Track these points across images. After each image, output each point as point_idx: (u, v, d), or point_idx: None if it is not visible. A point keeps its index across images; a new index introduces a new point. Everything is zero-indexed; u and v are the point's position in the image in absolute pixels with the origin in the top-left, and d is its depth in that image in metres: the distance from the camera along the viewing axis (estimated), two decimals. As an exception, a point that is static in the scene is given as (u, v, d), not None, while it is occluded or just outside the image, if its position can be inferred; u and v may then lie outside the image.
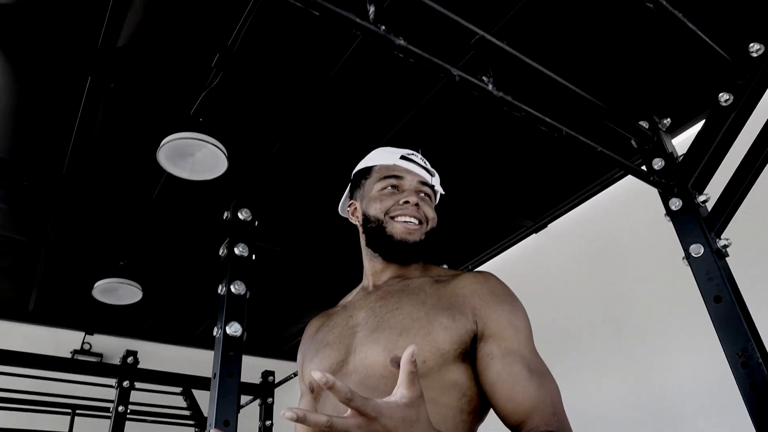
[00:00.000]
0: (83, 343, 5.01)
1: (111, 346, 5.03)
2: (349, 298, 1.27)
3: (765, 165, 1.60)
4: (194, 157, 2.81)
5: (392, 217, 1.13)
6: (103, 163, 3.08)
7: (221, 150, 2.69)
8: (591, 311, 3.13)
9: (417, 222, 1.14)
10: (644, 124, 1.78)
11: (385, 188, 1.18)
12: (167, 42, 2.39)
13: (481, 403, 1.01)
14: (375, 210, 1.16)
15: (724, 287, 1.50)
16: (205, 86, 2.62)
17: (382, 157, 1.23)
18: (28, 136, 2.88)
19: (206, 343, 5.07)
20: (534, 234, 3.80)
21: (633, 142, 1.79)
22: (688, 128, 2.67)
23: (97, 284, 3.91)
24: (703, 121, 1.72)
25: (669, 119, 1.82)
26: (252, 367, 4.06)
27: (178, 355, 5.20)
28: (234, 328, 1.86)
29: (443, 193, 1.27)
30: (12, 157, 2.98)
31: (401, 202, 1.14)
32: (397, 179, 1.18)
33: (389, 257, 1.16)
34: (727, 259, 1.59)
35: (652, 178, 1.65)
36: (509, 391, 0.94)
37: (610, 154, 1.48)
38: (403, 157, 1.21)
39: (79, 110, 2.70)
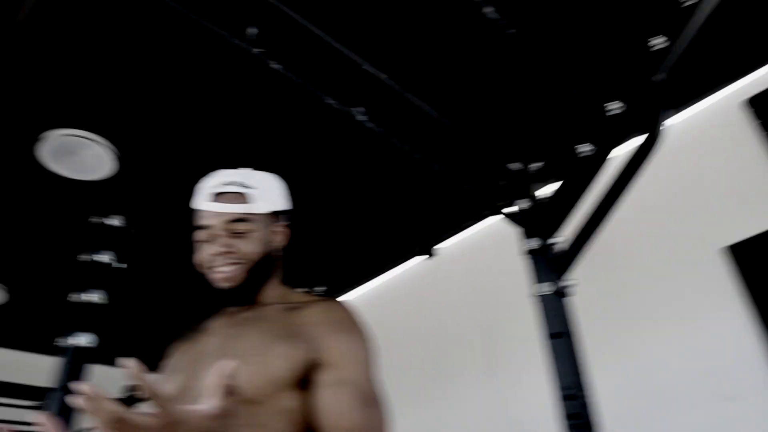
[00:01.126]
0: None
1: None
2: (210, 320, 1.22)
3: (609, 213, 1.77)
4: (78, 155, 2.62)
5: (209, 269, 1.11)
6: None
7: (112, 150, 2.52)
8: (469, 335, 3.26)
9: (232, 266, 1.10)
10: (513, 166, 1.91)
11: (199, 238, 1.14)
12: (69, 17, 2.21)
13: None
14: (197, 262, 1.14)
15: (564, 325, 1.64)
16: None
17: (198, 197, 1.18)
18: None
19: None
20: (423, 257, 3.91)
21: (500, 182, 1.91)
22: (552, 170, 2.86)
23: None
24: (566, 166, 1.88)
25: (538, 164, 1.97)
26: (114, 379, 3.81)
27: (39, 365, 4.75)
28: (81, 339, 1.76)
29: (281, 208, 1.19)
30: None
31: (210, 254, 1.11)
32: (205, 228, 1.13)
33: (222, 305, 1.15)
34: (571, 298, 1.74)
35: (515, 218, 1.77)
36: (336, 420, 0.96)
37: (476, 192, 1.58)
38: (213, 196, 1.15)
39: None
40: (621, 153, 1.86)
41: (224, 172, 1.18)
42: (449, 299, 3.43)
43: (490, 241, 2.99)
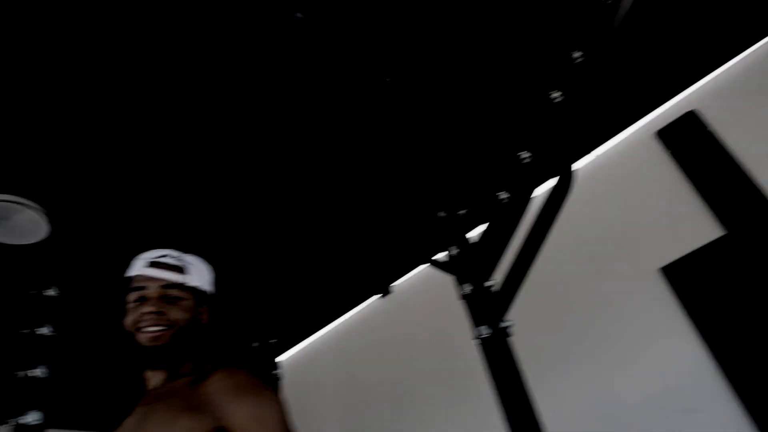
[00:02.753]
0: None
1: None
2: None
3: (536, 253, 1.85)
4: (11, 220, 2.58)
5: (138, 329, 1.14)
6: None
7: (43, 214, 2.49)
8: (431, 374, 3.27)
9: (162, 327, 1.15)
10: (442, 213, 1.99)
11: (131, 300, 1.19)
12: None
13: None
14: (127, 323, 1.17)
15: (508, 365, 1.69)
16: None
17: (134, 266, 1.25)
18: None
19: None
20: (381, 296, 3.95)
21: (432, 230, 1.98)
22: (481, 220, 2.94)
23: None
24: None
25: (464, 210, 2.05)
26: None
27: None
28: (30, 418, 1.71)
29: (207, 289, 1.26)
30: None
31: (141, 312, 1.15)
32: (140, 290, 1.19)
33: (148, 366, 1.16)
34: (511, 338, 1.80)
35: (447, 265, 1.84)
36: None
37: (407, 244, 1.63)
38: (151, 264, 1.22)
39: None
40: (541, 193, 1.96)
41: (160, 250, 1.25)
42: (406, 335, 3.44)
43: (433, 284, 3.03)
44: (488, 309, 1.81)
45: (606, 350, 2.39)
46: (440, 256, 1.97)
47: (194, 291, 1.24)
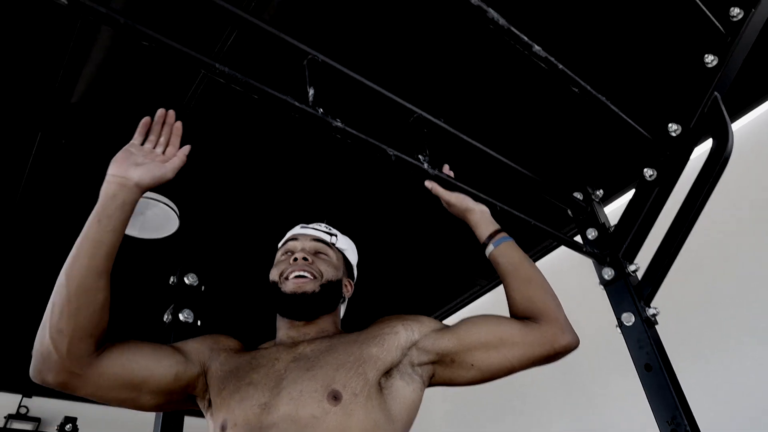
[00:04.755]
0: (20, 406, 4.71)
1: (49, 410, 4.74)
2: (266, 345, 1.21)
3: (687, 236, 1.70)
4: (144, 215, 2.78)
5: (285, 278, 1.15)
6: (51, 218, 3.01)
7: (173, 209, 2.68)
8: (542, 371, 3.15)
9: (309, 276, 1.15)
10: (578, 195, 1.88)
11: (283, 255, 1.22)
12: (121, 99, 2.40)
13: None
14: (273, 275, 1.19)
15: (653, 355, 1.56)
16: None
17: (288, 234, 1.30)
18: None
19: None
20: (489, 293, 3.86)
21: (569, 212, 1.88)
22: (619, 197, 2.80)
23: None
24: (633, 191, 1.83)
25: (601, 191, 1.93)
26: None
27: (122, 419, 4.94)
28: None
29: (353, 263, 1.29)
30: (-48, 214, 2.88)
31: (291, 261, 1.18)
32: (291, 242, 1.23)
33: (284, 311, 1.17)
34: (656, 326, 1.66)
35: (585, 249, 1.73)
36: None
37: (543, 227, 1.55)
38: (302, 226, 1.28)
39: (28, 165, 2.66)
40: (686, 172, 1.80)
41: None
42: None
43: (567, 269, 2.88)
44: (632, 295, 1.69)
45: (753, 342, 2.16)
46: (577, 239, 1.86)
47: (344, 258, 1.27)
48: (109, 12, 0.92)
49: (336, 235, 1.28)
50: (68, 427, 3.59)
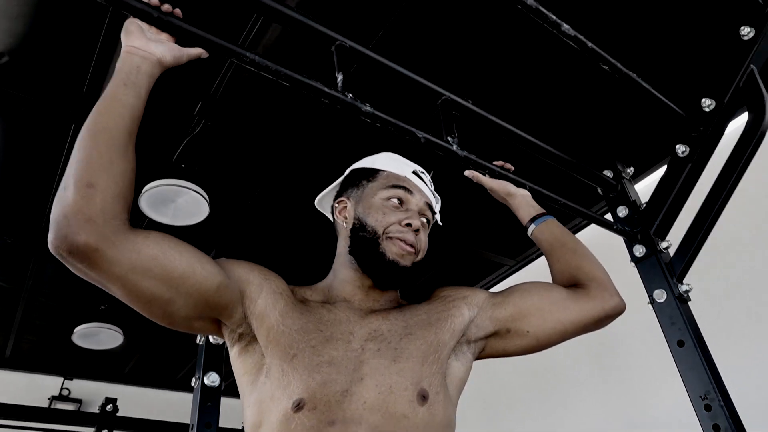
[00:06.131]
0: (62, 388, 4.91)
1: (91, 392, 4.93)
2: (315, 296, 1.07)
3: (721, 212, 1.67)
4: (176, 203, 2.85)
5: (389, 237, 1.03)
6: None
7: (203, 196, 2.74)
8: (575, 348, 3.16)
9: (413, 249, 1.04)
10: (608, 173, 1.86)
11: (391, 199, 1.07)
12: (149, 91, 2.45)
13: None
14: (374, 221, 1.05)
15: (686, 332, 1.56)
16: (188, 133, 2.68)
17: (392, 165, 1.14)
18: (8, 187, 2.90)
19: (188, 386, 5.00)
20: (516, 273, 3.86)
21: (599, 190, 1.86)
22: (649, 174, 2.76)
23: (77, 329, 3.87)
24: (664, 167, 1.81)
25: (632, 168, 1.91)
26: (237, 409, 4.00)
27: (159, 399, 5.12)
28: (212, 379, 1.87)
29: (441, 224, 1.18)
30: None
31: (403, 223, 1.04)
32: (406, 192, 1.08)
33: (374, 275, 1.04)
34: (689, 303, 1.65)
35: (616, 226, 1.72)
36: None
37: (573, 205, 1.55)
38: (415, 173, 1.13)
39: (61, 160, 2.74)
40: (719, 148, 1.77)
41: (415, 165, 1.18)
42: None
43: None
44: (664, 272, 1.68)
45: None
46: (608, 217, 1.84)
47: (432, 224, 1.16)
48: (145, 7, 0.94)
49: (439, 201, 1.18)
50: (109, 407, 3.72)
